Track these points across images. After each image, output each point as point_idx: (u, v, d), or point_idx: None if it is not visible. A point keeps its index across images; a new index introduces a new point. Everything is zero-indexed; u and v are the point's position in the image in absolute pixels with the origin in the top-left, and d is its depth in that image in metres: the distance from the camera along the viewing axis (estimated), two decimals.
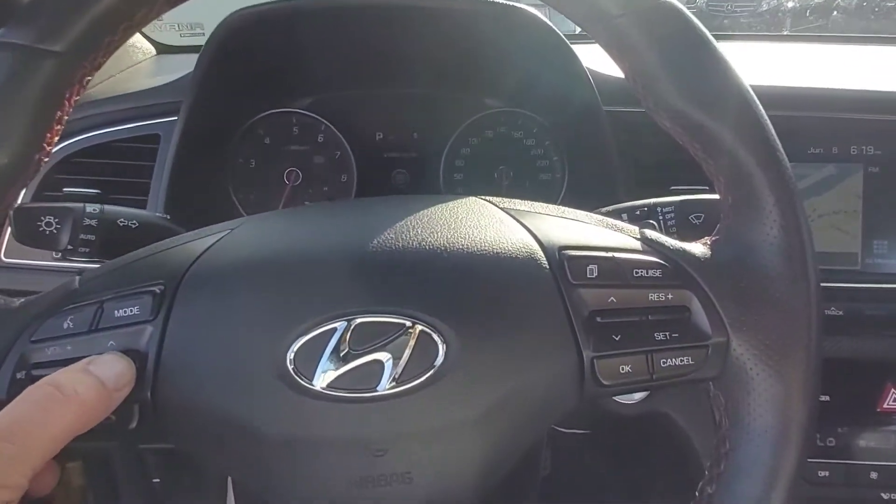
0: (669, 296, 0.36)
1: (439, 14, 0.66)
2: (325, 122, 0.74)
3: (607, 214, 0.51)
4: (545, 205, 0.41)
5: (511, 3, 0.63)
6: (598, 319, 0.35)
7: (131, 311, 0.34)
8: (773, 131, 0.37)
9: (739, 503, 0.35)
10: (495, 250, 0.36)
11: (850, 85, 0.69)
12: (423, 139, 0.76)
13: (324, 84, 0.75)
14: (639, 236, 0.39)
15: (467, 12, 0.64)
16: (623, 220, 0.50)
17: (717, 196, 0.40)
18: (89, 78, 0.36)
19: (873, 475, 0.65)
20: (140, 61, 0.91)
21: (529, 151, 0.77)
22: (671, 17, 0.36)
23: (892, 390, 0.66)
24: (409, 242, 0.36)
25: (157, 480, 0.81)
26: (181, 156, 0.63)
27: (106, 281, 0.36)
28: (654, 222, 0.49)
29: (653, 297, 0.36)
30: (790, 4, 8.84)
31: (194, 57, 0.64)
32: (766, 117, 0.37)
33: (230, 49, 0.63)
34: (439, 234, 0.36)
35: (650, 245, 0.38)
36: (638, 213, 0.50)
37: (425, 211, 0.39)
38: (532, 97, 0.73)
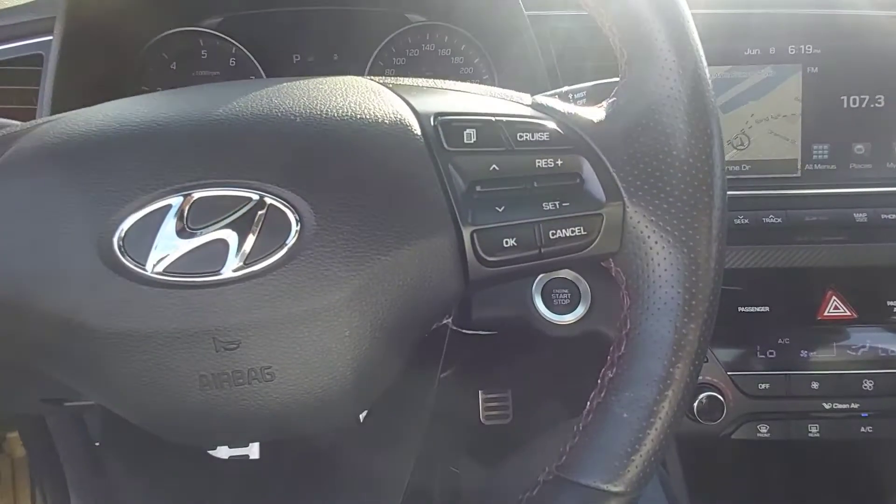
0: (559, 161, 0.33)
1: None
2: (237, 43, 0.69)
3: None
4: (434, 80, 0.37)
5: None
6: (478, 189, 0.32)
7: None
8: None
9: (640, 384, 0.32)
10: (360, 118, 0.32)
11: None
12: (344, 59, 0.71)
13: (233, 2, 0.69)
14: (528, 102, 0.35)
15: None
16: None
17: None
18: None
19: (814, 385, 0.63)
20: None
21: (458, 70, 0.72)
22: None
23: (833, 298, 0.64)
24: (260, 110, 0.32)
25: (98, 444, 0.77)
26: (62, 82, 0.57)
27: None
28: None
29: (540, 163, 0.32)
30: None
31: None
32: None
33: None
34: (298, 103, 0.32)
35: (540, 110, 0.34)
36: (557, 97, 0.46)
37: (291, 84, 0.34)
38: (452, 9, 0.69)
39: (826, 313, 0.64)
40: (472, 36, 0.71)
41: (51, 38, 0.60)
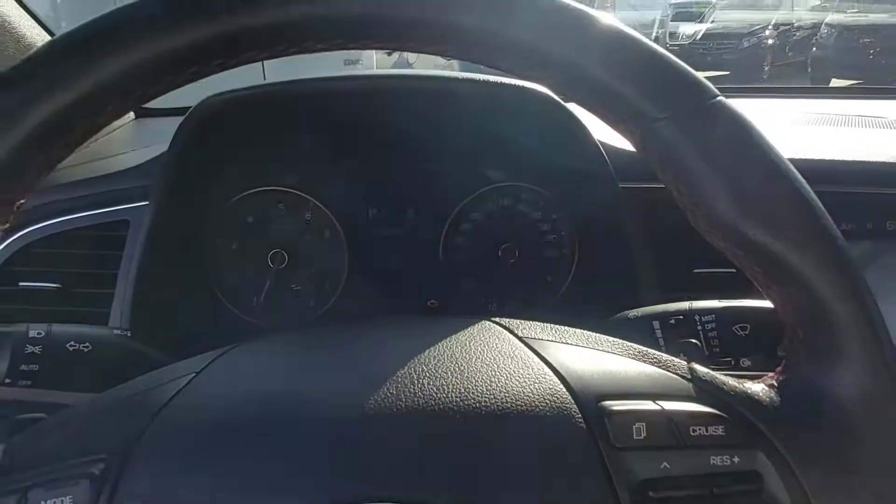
0: (736, 459, 0.30)
1: (435, 95, 0.61)
2: (312, 199, 0.68)
3: (636, 321, 0.45)
4: (569, 330, 0.35)
5: (515, 84, 0.58)
6: (651, 494, 0.28)
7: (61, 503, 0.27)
8: (849, 253, 0.31)
9: None
10: (517, 407, 0.29)
11: (874, 156, 0.64)
12: (420, 215, 0.70)
13: (311, 159, 0.69)
14: (689, 375, 0.32)
15: (469, 93, 0.59)
16: (655, 330, 0.44)
17: (764, 303, 0.34)
18: None
19: None
20: (117, 127, 0.85)
21: (536, 226, 0.71)
22: (721, 118, 0.30)
23: None
24: (410, 401, 0.29)
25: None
26: (151, 248, 0.57)
27: (37, 452, 0.29)
28: (694, 339, 0.42)
29: (715, 460, 0.29)
30: (770, 42, 9.07)
31: (176, 121, 0.58)
32: (841, 236, 0.31)
33: (205, 132, 0.58)
34: (447, 388, 0.30)
35: (703, 387, 0.31)
36: (672, 321, 0.43)
37: (430, 352, 0.32)
38: (537, 170, 0.68)
39: None
40: (552, 196, 0.70)
41: (137, 203, 0.60)
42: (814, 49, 7.86)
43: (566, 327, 0.35)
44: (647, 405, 0.30)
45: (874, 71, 6.43)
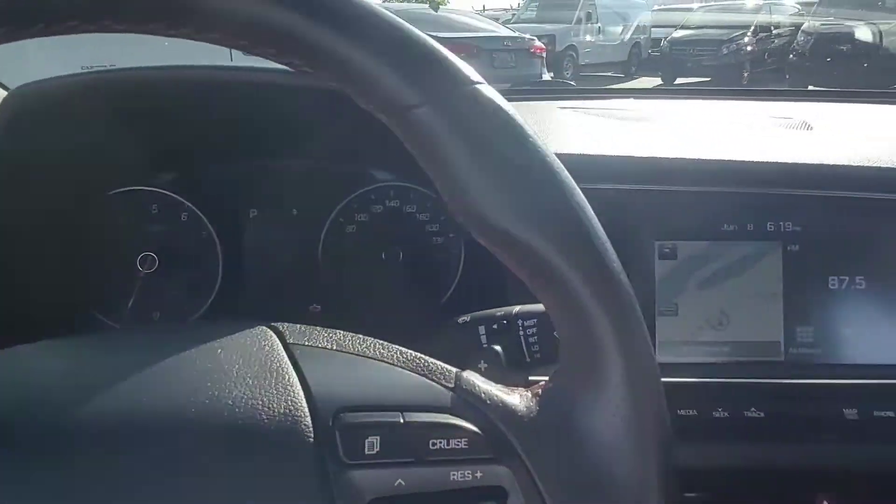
0: (478, 473, 0.28)
1: (315, 89, 0.58)
2: (186, 202, 0.66)
3: (464, 326, 0.43)
4: (350, 337, 0.33)
5: None
6: None
7: None
8: (616, 263, 0.29)
9: None
10: (243, 422, 0.27)
11: (761, 157, 0.63)
12: (304, 217, 0.68)
13: (187, 157, 0.67)
14: (452, 384, 0.30)
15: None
16: (481, 336, 0.42)
17: None
18: None
19: None
20: None
21: (423, 228, 0.69)
22: (479, 106, 0.28)
23: None
24: (115, 417, 0.27)
25: None
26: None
27: None
28: (514, 343, 0.40)
29: (455, 475, 0.27)
30: (749, 49, 9.17)
31: None
32: (609, 246, 0.29)
33: (20, 127, 0.55)
34: (175, 397, 0.28)
35: (463, 397, 0.29)
36: (496, 326, 0.42)
37: (171, 362, 0.30)
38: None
39: None
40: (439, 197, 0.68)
41: None
42: (791, 56, 7.95)
43: (350, 334, 0.33)
44: (386, 417, 0.28)
45: (849, 77, 6.51)
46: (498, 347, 0.39)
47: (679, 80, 8.69)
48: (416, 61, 0.27)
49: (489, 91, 0.28)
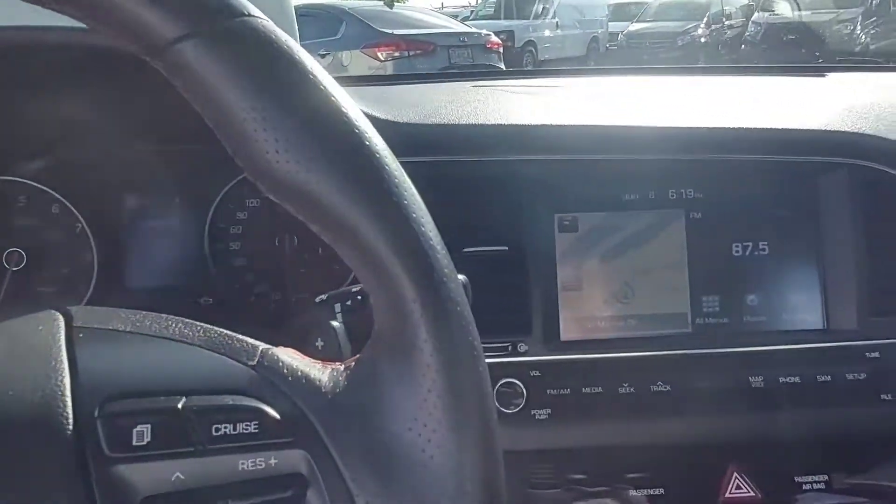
0: (273, 461, 0.24)
1: None
2: (55, 194, 0.61)
3: (321, 304, 0.40)
4: (156, 317, 0.29)
5: None
6: None
7: None
8: (423, 218, 0.26)
9: None
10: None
11: (663, 122, 0.61)
12: (187, 204, 0.63)
13: (56, 143, 0.61)
14: (254, 361, 0.26)
15: None
16: (337, 314, 0.39)
17: None
18: None
19: None
20: None
21: None
22: (256, 39, 0.24)
23: (736, 476, 0.56)
24: None
25: None
26: None
27: None
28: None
29: (245, 464, 0.24)
30: (703, 40, 9.37)
31: None
32: (414, 197, 0.26)
33: None
34: None
35: (265, 375, 0.26)
36: (349, 302, 0.38)
37: None
38: None
39: (729, 493, 0.56)
40: None
41: None
42: (742, 46, 8.14)
43: (155, 315, 0.29)
44: (160, 403, 0.24)
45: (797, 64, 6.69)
46: (336, 324, 0.36)
47: None
48: None
49: (266, 24, 0.25)
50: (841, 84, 0.89)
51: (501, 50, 6.83)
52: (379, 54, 5.57)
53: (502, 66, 6.76)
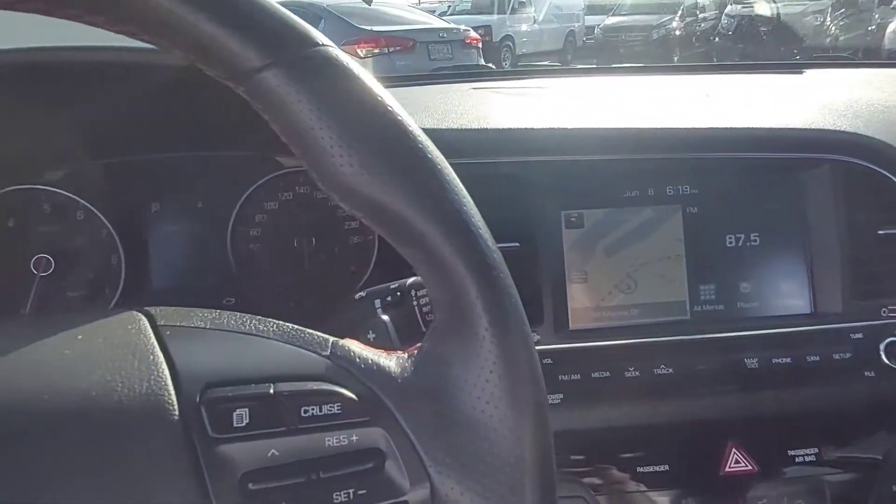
0: (354, 437, 0.27)
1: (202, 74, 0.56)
2: (80, 199, 0.63)
3: (360, 301, 0.43)
4: (222, 314, 0.32)
5: None
6: (251, 486, 0.26)
7: None
8: (476, 218, 0.29)
9: None
10: (101, 403, 0.26)
11: (659, 123, 0.65)
12: (209, 208, 0.66)
13: (78, 149, 0.63)
14: (327, 351, 0.30)
15: None
16: (377, 309, 0.42)
17: None
18: None
19: None
20: None
21: (336, 212, 0.68)
22: (330, 67, 0.28)
23: (734, 451, 0.60)
24: None
25: None
26: None
27: None
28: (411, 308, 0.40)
29: (331, 441, 0.27)
30: (678, 33, 9.50)
31: None
32: (468, 200, 0.29)
33: None
34: (27, 387, 0.26)
35: (338, 363, 0.29)
36: (389, 298, 0.41)
37: (26, 351, 0.28)
38: None
39: (729, 468, 0.60)
40: None
41: None
42: (716, 39, 8.28)
43: (227, 313, 0.32)
44: (255, 389, 0.27)
45: (769, 56, 6.83)
46: (386, 317, 0.39)
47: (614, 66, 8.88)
48: (258, 23, 0.27)
49: (337, 53, 0.28)
50: (818, 81, 0.95)
51: (480, 45, 6.86)
52: (359, 51, 5.56)
53: (482, 60, 6.79)
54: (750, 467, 0.60)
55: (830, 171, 0.63)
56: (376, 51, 5.56)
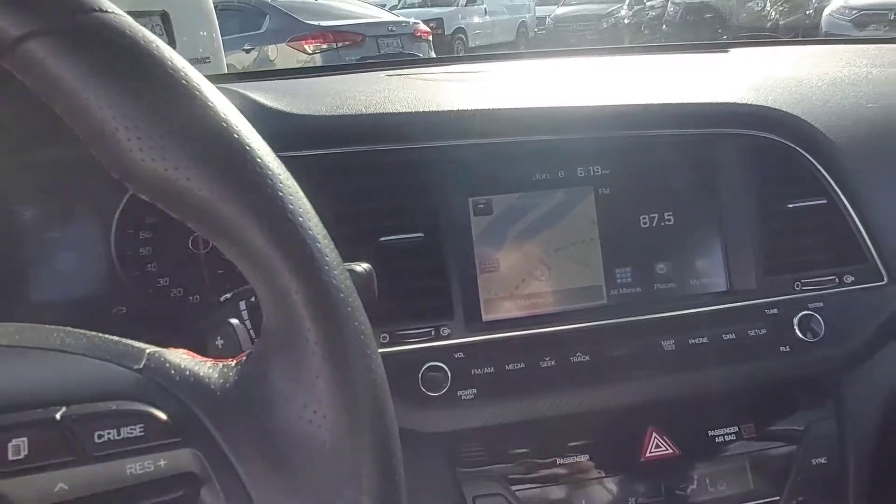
0: (161, 462, 0.24)
1: None
2: None
3: (226, 303, 0.39)
4: (38, 328, 0.28)
5: None
6: None
7: None
8: (300, 208, 0.26)
9: None
10: None
11: (568, 102, 0.62)
12: (90, 211, 0.61)
13: None
14: (140, 364, 0.26)
15: None
16: (242, 311, 0.38)
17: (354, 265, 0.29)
18: None
19: None
20: None
21: None
22: (111, 35, 0.24)
23: (654, 436, 0.59)
24: None
25: None
26: None
27: None
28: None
29: (133, 469, 0.24)
30: (626, 21, 9.65)
31: None
32: (294, 187, 0.26)
33: None
34: None
35: (151, 377, 0.25)
36: (253, 299, 0.38)
37: None
38: None
39: (649, 453, 0.59)
40: None
41: None
42: (663, 27, 8.44)
43: (38, 326, 0.28)
44: (36, 415, 0.23)
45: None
46: (235, 321, 0.35)
47: None
48: None
49: (120, 20, 0.24)
50: (742, 59, 0.94)
51: (431, 38, 6.82)
52: (306, 47, 5.45)
53: (433, 54, 6.75)
54: (671, 451, 0.59)
55: (739, 146, 0.62)
56: (324, 46, 5.46)
